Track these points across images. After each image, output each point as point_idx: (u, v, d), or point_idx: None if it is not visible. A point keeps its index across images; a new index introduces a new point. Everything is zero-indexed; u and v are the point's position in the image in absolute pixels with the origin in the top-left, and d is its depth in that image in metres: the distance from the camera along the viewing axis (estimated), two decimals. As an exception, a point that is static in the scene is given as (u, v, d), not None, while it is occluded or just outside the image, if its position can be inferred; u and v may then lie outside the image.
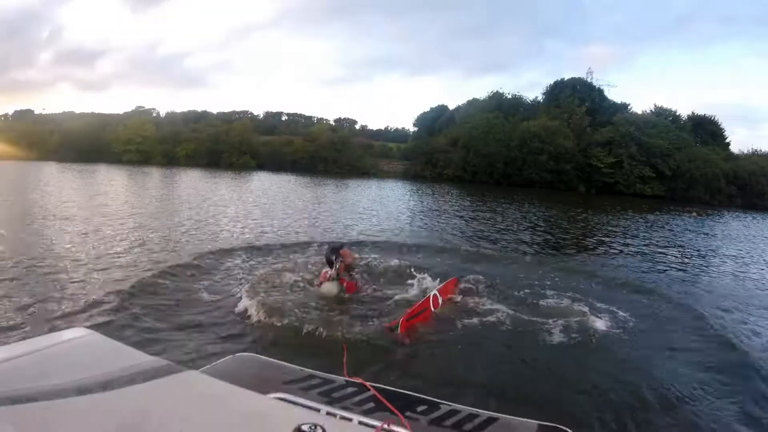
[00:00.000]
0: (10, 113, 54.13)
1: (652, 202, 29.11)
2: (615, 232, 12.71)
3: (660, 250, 9.95)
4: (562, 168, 34.62)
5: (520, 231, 11.37)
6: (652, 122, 36.33)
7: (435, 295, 4.80)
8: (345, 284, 4.84)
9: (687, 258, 9.28)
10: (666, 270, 7.78)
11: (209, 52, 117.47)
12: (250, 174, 32.43)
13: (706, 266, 8.62)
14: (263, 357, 1.65)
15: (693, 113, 39.81)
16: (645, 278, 7.13)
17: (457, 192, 25.09)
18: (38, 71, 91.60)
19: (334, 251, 4.96)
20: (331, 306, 4.59)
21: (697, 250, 10.46)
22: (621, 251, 9.39)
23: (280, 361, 1.55)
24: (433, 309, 4.70)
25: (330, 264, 4.91)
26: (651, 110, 38.63)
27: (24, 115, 51.46)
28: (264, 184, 23.84)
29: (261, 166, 37.67)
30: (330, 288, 4.78)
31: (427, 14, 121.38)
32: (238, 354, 1.65)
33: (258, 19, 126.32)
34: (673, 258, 9.04)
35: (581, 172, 35.27)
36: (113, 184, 19.68)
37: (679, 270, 7.93)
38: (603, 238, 11.22)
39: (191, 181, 23.23)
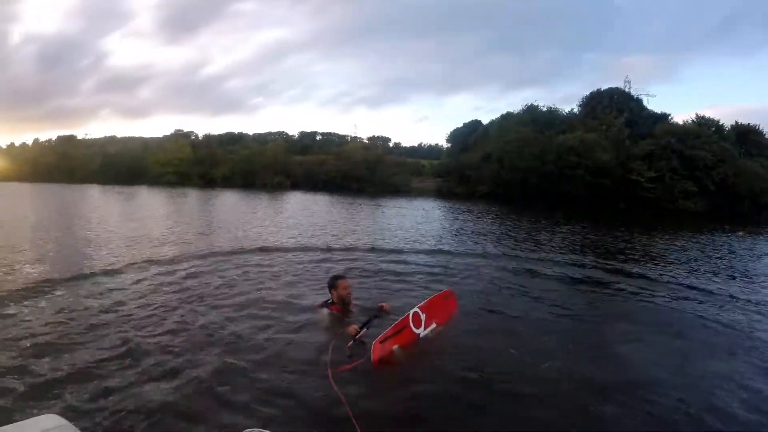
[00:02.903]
0: (54, 138, 57.07)
1: (697, 220, 27.83)
2: (676, 256, 11.50)
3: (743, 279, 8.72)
4: (600, 183, 33.74)
5: (569, 257, 10.27)
6: (694, 133, 35.03)
7: (416, 312, 4.26)
8: (336, 311, 4.77)
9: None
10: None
11: (246, 75, 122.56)
12: (285, 194, 32.91)
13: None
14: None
15: (737, 122, 38.31)
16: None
17: (494, 210, 24.51)
18: (81, 98, 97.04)
19: (331, 280, 4.98)
20: (319, 337, 4.40)
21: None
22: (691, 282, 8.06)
23: None
24: (414, 329, 4.18)
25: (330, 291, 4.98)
26: (693, 120, 37.26)
27: (67, 140, 54.10)
28: (300, 205, 23.94)
29: (295, 186, 38.29)
30: (321, 316, 4.76)
31: (461, 32, 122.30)
32: (247, 430, 1.62)
33: (293, 41, 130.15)
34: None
35: (621, 187, 34.30)
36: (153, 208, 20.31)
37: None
38: (666, 265, 9.97)
39: (229, 206, 23.45)
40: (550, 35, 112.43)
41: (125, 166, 42.35)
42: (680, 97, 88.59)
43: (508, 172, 34.77)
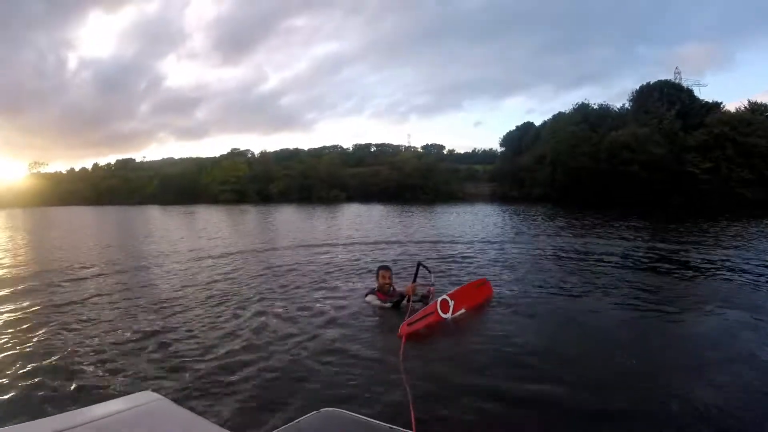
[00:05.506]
0: (113, 162, 59.28)
1: (758, 209, 27.62)
2: (746, 243, 11.19)
3: None
4: (655, 177, 34.12)
5: (629, 252, 9.77)
6: (747, 120, 34.90)
7: (444, 299, 4.44)
8: (379, 297, 5.18)
9: None
10: None
11: (300, 91, 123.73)
12: (340, 207, 34.08)
13: None
14: (350, 413, 1.40)
15: (790, 106, 37.70)
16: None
17: (553, 212, 23.29)
18: (138, 122, 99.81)
19: (377, 269, 5.50)
20: (364, 321, 4.78)
21: None
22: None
23: (368, 419, 1.36)
24: (443, 315, 4.37)
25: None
26: (745, 107, 36.98)
27: (126, 163, 56.24)
28: (358, 218, 23.26)
29: (350, 198, 39.65)
30: (369, 300, 5.27)
31: (514, 34, 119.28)
32: (323, 410, 1.42)
33: (346, 53, 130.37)
34: None
35: (676, 180, 34.62)
36: (217, 226, 20.48)
37: None
38: (736, 251, 9.58)
39: (289, 218, 24.21)
40: (601, 32, 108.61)
41: (182, 186, 44.10)
42: (732, 84, 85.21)
43: (562, 173, 35.34)
